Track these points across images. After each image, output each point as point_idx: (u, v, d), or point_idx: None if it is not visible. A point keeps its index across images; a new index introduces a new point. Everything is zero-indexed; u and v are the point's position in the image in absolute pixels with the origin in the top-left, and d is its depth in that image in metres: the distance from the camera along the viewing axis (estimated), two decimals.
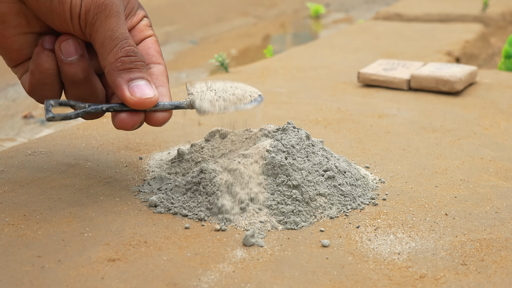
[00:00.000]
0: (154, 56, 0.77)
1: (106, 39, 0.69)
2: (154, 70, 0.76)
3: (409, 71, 1.32)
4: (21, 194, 0.74)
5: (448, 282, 0.59)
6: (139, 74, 0.71)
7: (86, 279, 0.57)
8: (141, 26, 0.79)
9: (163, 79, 0.76)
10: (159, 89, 0.74)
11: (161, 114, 0.72)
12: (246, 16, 4.17)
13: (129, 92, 0.70)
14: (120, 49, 0.70)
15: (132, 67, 0.70)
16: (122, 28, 0.70)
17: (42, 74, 0.71)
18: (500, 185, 0.81)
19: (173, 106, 0.73)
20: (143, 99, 0.70)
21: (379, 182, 0.81)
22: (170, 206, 0.72)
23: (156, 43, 0.79)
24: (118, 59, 0.70)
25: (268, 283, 0.58)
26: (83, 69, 0.72)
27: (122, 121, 0.71)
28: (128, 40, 0.70)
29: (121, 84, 0.70)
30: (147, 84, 0.71)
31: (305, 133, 0.76)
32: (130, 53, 0.70)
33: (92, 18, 0.69)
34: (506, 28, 2.59)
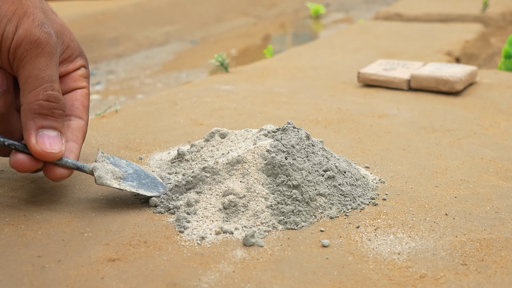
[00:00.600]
0: (78, 109, 0.75)
1: (31, 77, 0.67)
2: (73, 124, 0.74)
3: (409, 71, 1.32)
4: (21, 194, 0.74)
5: (448, 282, 0.59)
6: (53, 124, 0.68)
7: (86, 279, 0.57)
8: (75, 75, 0.76)
9: (78, 135, 0.73)
10: (70, 143, 0.72)
11: (60, 169, 0.69)
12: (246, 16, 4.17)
13: (36, 140, 0.67)
14: (43, 91, 0.67)
15: (48, 114, 0.68)
16: (51, 70, 0.67)
17: None
18: (500, 185, 0.81)
19: (75, 167, 0.70)
20: (46, 152, 0.67)
21: (379, 182, 0.81)
22: (170, 206, 0.72)
23: (86, 97, 0.76)
24: (37, 102, 0.67)
25: (268, 283, 0.58)
26: (4, 104, 0.69)
27: (18, 162, 0.68)
28: (53, 84, 0.68)
29: (31, 128, 0.67)
30: (57, 137, 0.68)
31: (305, 133, 0.76)
32: (51, 98, 0.67)
33: (21, 53, 0.66)
34: (506, 28, 2.59)
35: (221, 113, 1.11)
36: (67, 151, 0.71)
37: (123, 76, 2.93)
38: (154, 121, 1.05)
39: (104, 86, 2.74)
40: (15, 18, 0.66)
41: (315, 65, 1.58)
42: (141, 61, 3.31)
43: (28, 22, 0.67)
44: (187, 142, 0.95)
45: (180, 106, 1.15)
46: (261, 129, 0.79)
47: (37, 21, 0.67)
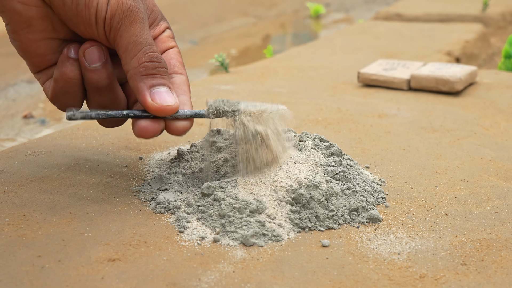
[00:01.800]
0: (176, 66, 0.78)
1: (130, 44, 0.70)
2: (176, 80, 0.76)
3: (409, 71, 1.32)
4: (21, 194, 0.74)
5: (448, 282, 0.59)
6: (161, 81, 0.71)
7: (86, 279, 0.57)
8: (163, 37, 0.79)
9: (184, 88, 0.76)
10: (181, 97, 0.74)
11: (181, 122, 0.72)
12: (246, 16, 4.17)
13: (151, 98, 0.70)
14: (144, 54, 0.70)
15: (155, 73, 0.70)
16: (147, 34, 0.70)
17: (66, 82, 0.72)
18: (500, 185, 0.81)
19: (193, 114, 0.72)
20: (164, 106, 0.70)
21: (379, 182, 0.81)
22: (170, 206, 0.72)
23: (179, 54, 0.79)
24: (142, 64, 0.70)
25: (268, 283, 0.58)
26: (106, 76, 0.72)
27: (143, 129, 0.71)
28: (152, 46, 0.71)
29: (143, 89, 0.70)
30: (168, 92, 0.71)
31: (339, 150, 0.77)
32: (153, 59, 0.70)
33: (117, 23, 0.69)
34: (506, 28, 2.59)
35: None
36: (181, 104, 0.73)
37: None
38: None
39: None
40: None
41: (315, 65, 1.58)
42: None
43: None
44: (187, 142, 0.95)
45: None
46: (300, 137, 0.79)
47: None
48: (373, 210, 0.71)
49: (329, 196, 0.70)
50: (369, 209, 0.71)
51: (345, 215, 0.70)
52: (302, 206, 0.69)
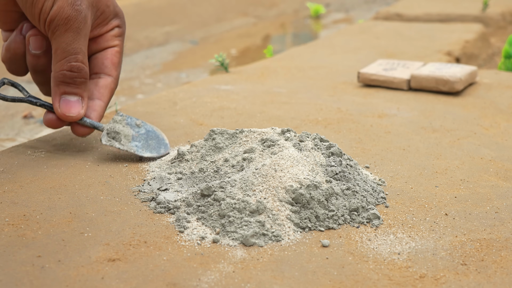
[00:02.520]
0: (107, 67, 0.85)
1: (59, 49, 0.78)
2: (101, 81, 0.85)
3: (409, 71, 1.32)
4: (21, 194, 0.74)
5: (448, 282, 0.59)
6: (74, 90, 0.80)
7: (86, 279, 0.57)
8: (108, 36, 0.86)
9: (104, 93, 0.85)
10: (95, 101, 0.84)
11: (81, 128, 0.83)
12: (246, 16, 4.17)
13: (59, 103, 0.80)
14: (67, 62, 0.78)
15: (70, 82, 0.79)
16: (77, 43, 0.78)
17: (12, 55, 0.83)
18: (500, 185, 0.81)
19: (92, 126, 0.83)
20: (65, 115, 0.80)
21: (379, 182, 0.81)
22: (170, 206, 0.72)
23: (117, 55, 0.86)
24: (61, 71, 0.79)
25: (268, 283, 0.58)
26: (44, 62, 0.82)
27: (49, 121, 0.82)
28: (77, 55, 0.78)
29: (55, 93, 0.80)
30: (77, 101, 0.80)
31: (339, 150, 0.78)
32: (73, 69, 0.79)
33: (54, 27, 0.77)
34: (506, 28, 2.59)
35: (221, 113, 1.11)
36: (90, 109, 0.83)
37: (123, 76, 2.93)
38: (154, 121, 1.05)
39: None
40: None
41: (315, 65, 1.58)
42: (141, 61, 3.31)
43: (63, 0, 0.78)
44: (187, 142, 0.95)
45: (180, 106, 1.15)
46: (282, 131, 0.79)
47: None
48: (373, 210, 0.71)
49: (329, 196, 0.70)
50: (369, 209, 0.71)
51: (345, 215, 0.70)
52: (302, 206, 0.69)
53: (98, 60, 0.85)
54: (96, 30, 0.84)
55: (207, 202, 0.70)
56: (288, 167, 0.72)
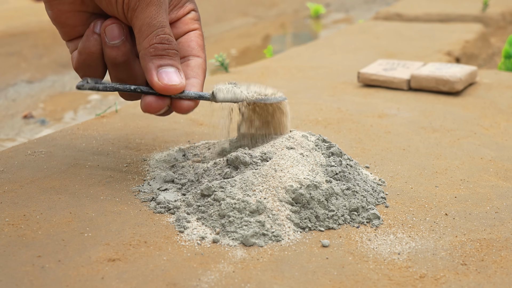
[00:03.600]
0: (194, 49, 0.80)
1: (144, 25, 0.72)
2: (192, 62, 0.79)
3: (409, 71, 1.32)
4: (21, 194, 0.74)
5: (448, 282, 0.59)
6: (169, 61, 0.74)
7: (86, 279, 0.57)
8: (186, 19, 0.81)
9: (198, 72, 0.79)
10: (191, 79, 0.77)
11: (186, 102, 0.75)
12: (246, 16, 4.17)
13: (157, 77, 0.73)
14: (155, 36, 0.72)
15: (163, 54, 0.73)
16: (161, 17, 0.73)
17: (88, 56, 0.76)
18: (500, 185, 0.81)
19: (197, 96, 0.75)
20: (169, 85, 0.72)
21: (379, 182, 0.81)
22: (170, 206, 0.72)
23: (200, 37, 0.82)
24: (152, 45, 0.73)
25: (268, 283, 0.58)
26: (124, 53, 0.75)
27: (148, 104, 0.74)
28: (164, 28, 0.73)
29: (151, 69, 0.73)
30: (175, 72, 0.74)
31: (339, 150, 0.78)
32: (163, 41, 0.73)
33: (134, 3, 0.72)
34: (506, 28, 2.59)
35: (221, 113, 1.11)
36: (189, 85, 0.77)
37: None
38: (154, 121, 1.05)
39: None
40: None
41: (315, 65, 1.58)
42: None
43: None
44: (187, 142, 0.95)
45: None
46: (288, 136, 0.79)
47: None
48: (373, 210, 0.71)
49: (329, 196, 0.70)
50: (369, 209, 0.71)
51: (345, 215, 0.70)
52: (302, 206, 0.69)
53: (183, 44, 0.81)
54: (173, 13, 0.80)
55: (207, 202, 0.70)
56: (288, 167, 0.72)
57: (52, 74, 2.54)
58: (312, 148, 0.77)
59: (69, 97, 2.29)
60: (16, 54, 2.69)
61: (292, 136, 0.78)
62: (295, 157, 0.73)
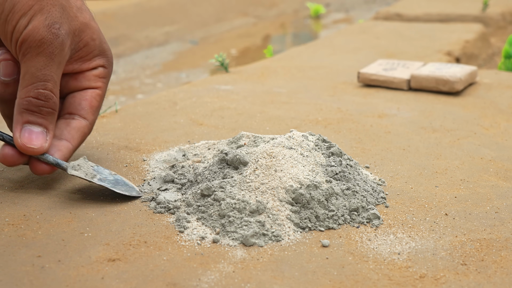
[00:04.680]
0: (84, 109, 0.77)
1: (27, 74, 0.69)
2: (73, 123, 0.76)
3: (409, 71, 1.32)
4: (21, 194, 0.74)
5: (448, 282, 0.59)
6: (39, 120, 0.71)
7: (86, 279, 0.57)
8: (90, 75, 0.78)
9: (75, 135, 0.75)
10: (62, 142, 0.74)
11: (41, 165, 0.72)
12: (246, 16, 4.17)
13: (19, 133, 0.70)
14: (34, 89, 0.70)
15: (35, 110, 0.70)
16: (48, 70, 0.70)
17: None
18: (500, 185, 0.81)
19: (55, 163, 0.72)
20: (26, 146, 0.70)
21: (379, 182, 0.81)
22: (170, 206, 0.72)
23: (97, 97, 0.78)
24: (27, 97, 0.70)
25: (268, 283, 0.58)
26: (12, 91, 0.73)
27: (3, 156, 0.71)
28: (46, 83, 0.70)
29: (17, 122, 0.70)
30: (41, 133, 0.71)
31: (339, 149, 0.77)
32: (40, 97, 0.70)
33: (25, 49, 0.69)
34: (506, 28, 2.59)
35: (221, 113, 1.11)
36: (54, 148, 0.73)
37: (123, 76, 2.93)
38: (154, 121, 1.05)
39: None
40: (30, 13, 0.69)
41: (315, 65, 1.58)
42: (141, 61, 3.31)
43: (40, 20, 0.69)
44: (187, 142, 0.95)
45: (180, 106, 1.15)
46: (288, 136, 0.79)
47: (49, 19, 0.69)
48: (373, 210, 0.71)
49: (329, 196, 0.70)
50: (369, 209, 0.71)
51: (345, 215, 0.70)
52: (302, 206, 0.69)
53: (75, 99, 0.77)
54: (77, 64, 0.76)
55: (207, 202, 0.70)
56: (288, 168, 0.72)
57: None
58: (312, 148, 0.77)
59: None
60: None
61: (292, 136, 0.77)
62: (295, 157, 0.73)
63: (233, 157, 0.73)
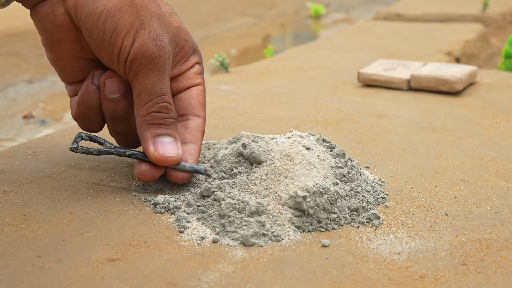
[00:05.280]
0: (195, 108, 0.78)
1: (143, 92, 0.71)
2: (191, 123, 0.77)
3: (409, 71, 1.32)
4: (21, 194, 0.74)
5: (448, 282, 0.59)
6: (166, 131, 0.72)
7: (86, 279, 0.57)
8: (189, 74, 0.79)
9: (196, 135, 0.77)
10: (188, 145, 0.75)
11: (180, 173, 0.74)
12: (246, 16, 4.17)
13: (153, 147, 0.71)
14: (154, 104, 0.71)
15: (161, 123, 0.72)
16: (162, 84, 0.71)
17: (87, 109, 0.75)
18: (500, 185, 0.81)
19: (192, 170, 0.74)
20: (165, 157, 0.71)
21: (379, 182, 0.81)
22: (170, 206, 0.72)
23: (202, 93, 0.79)
24: (150, 114, 0.71)
25: (268, 283, 0.58)
26: (123, 107, 0.74)
27: (142, 173, 0.73)
28: (164, 96, 0.72)
29: (147, 137, 0.72)
30: (172, 142, 0.72)
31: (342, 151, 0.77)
32: (162, 110, 0.72)
33: (136, 67, 0.70)
34: (506, 28, 2.59)
35: (221, 113, 1.11)
36: (186, 153, 0.75)
37: None
38: None
39: None
40: (133, 30, 0.70)
41: (315, 65, 1.58)
42: None
43: (144, 35, 0.70)
44: None
45: None
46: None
47: (153, 33, 0.71)
48: (373, 210, 0.71)
49: (334, 201, 0.70)
50: (369, 209, 0.71)
51: (346, 216, 0.70)
52: (305, 213, 0.68)
53: (183, 100, 0.78)
54: (177, 68, 0.78)
55: (207, 202, 0.70)
56: (300, 175, 0.70)
57: (52, 74, 2.54)
58: (322, 150, 0.76)
59: (69, 97, 2.29)
60: (16, 54, 2.69)
61: (307, 135, 0.77)
62: (312, 161, 0.72)
63: (249, 154, 0.73)
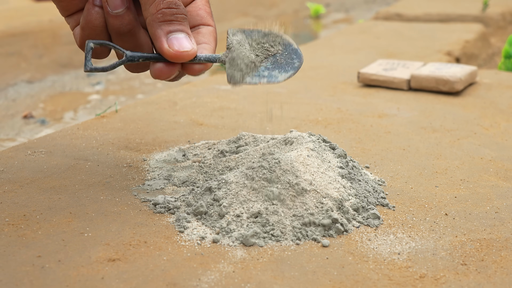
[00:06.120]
0: (204, 17, 0.77)
1: None
2: (202, 30, 0.76)
3: (409, 71, 1.32)
4: (21, 194, 0.74)
5: (448, 282, 0.59)
6: (179, 27, 0.71)
7: (86, 279, 0.57)
8: None
9: (210, 39, 0.75)
10: (202, 45, 0.74)
11: (197, 65, 0.72)
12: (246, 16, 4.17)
13: (167, 44, 0.70)
14: (162, 1, 0.70)
15: (172, 19, 0.70)
16: None
17: (91, 30, 0.72)
18: (500, 185, 0.81)
19: (207, 60, 0.72)
20: (180, 51, 0.69)
21: (379, 182, 0.81)
22: (170, 206, 0.72)
23: (207, 4, 0.78)
24: (159, 11, 0.70)
25: (268, 283, 0.58)
26: (128, 21, 0.72)
27: (158, 70, 0.71)
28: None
29: (160, 35, 0.70)
30: (186, 37, 0.71)
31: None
32: (171, 5, 0.70)
33: None
34: (506, 28, 2.59)
35: (221, 113, 1.11)
36: (200, 49, 0.73)
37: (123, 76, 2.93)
38: (154, 121, 1.05)
39: (104, 86, 2.75)
40: None
41: (315, 65, 1.58)
42: None
43: None
44: (187, 142, 0.95)
45: (180, 106, 1.15)
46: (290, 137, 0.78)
47: None
48: (373, 210, 0.71)
49: (345, 213, 0.69)
50: (369, 209, 0.71)
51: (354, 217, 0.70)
52: None
53: (191, 12, 0.77)
54: None
55: (207, 202, 0.70)
56: (321, 187, 0.70)
57: (52, 74, 2.54)
58: (324, 150, 0.76)
59: (69, 97, 2.29)
60: (16, 54, 2.68)
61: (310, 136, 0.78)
62: (318, 164, 0.72)
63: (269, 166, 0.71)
